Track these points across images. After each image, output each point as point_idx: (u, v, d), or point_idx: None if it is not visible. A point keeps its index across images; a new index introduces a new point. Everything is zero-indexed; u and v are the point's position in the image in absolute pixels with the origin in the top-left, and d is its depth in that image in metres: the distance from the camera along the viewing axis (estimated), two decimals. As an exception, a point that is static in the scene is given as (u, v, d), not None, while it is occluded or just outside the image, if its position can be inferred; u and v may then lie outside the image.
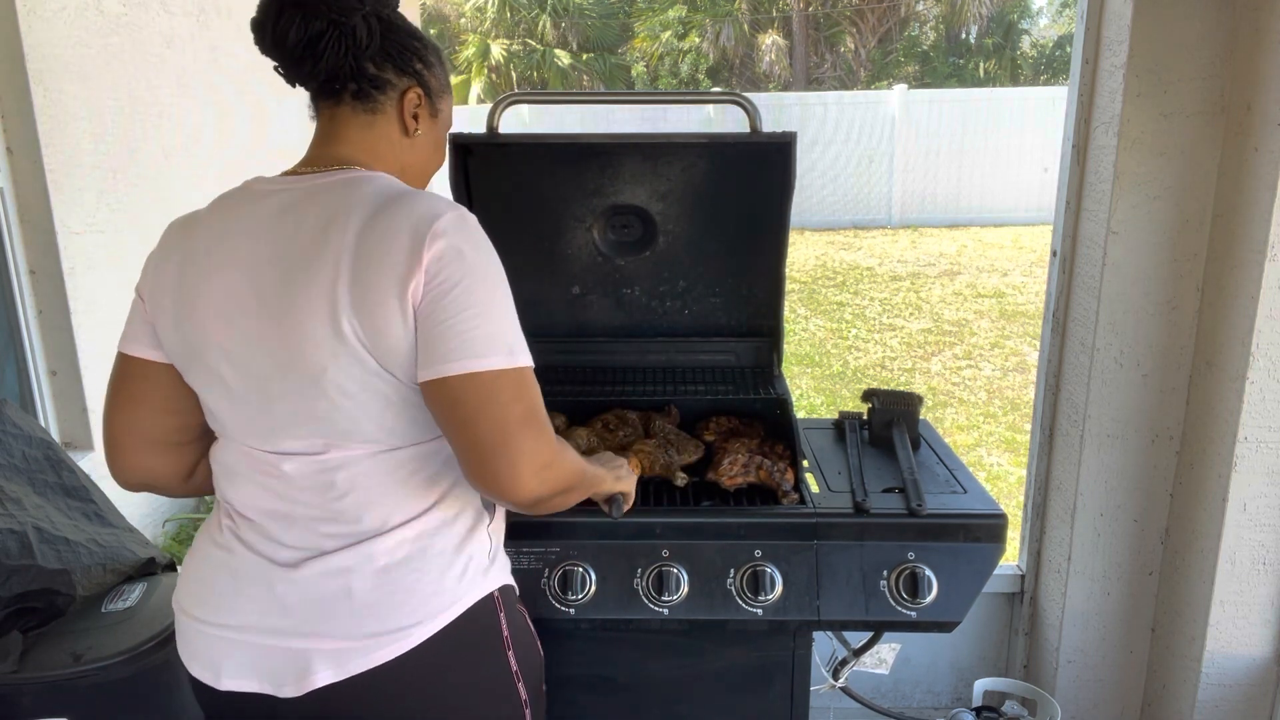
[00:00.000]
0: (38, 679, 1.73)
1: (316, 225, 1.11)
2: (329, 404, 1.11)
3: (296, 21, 1.12)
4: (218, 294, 1.14)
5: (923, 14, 21.35)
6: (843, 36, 20.78)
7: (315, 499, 1.15)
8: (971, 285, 9.32)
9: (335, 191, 1.14)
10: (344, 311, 1.07)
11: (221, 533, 1.22)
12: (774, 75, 20.08)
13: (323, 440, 1.14)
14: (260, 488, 1.18)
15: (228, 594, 1.17)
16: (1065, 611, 2.31)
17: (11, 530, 1.85)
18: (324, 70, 1.16)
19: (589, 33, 20.09)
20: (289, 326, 1.09)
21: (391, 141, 1.23)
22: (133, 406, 1.23)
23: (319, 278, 1.08)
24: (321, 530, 1.15)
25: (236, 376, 1.14)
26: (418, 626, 1.13)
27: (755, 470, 1.65)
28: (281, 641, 1.13)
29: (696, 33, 20.16)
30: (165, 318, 1.18)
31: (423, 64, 1.23)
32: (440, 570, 1.16)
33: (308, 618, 1.13)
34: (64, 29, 3.14)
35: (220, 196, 1.22)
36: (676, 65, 20.22)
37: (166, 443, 1.25)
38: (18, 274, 2.90)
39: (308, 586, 1.13)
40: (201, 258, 1.16)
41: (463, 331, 1.06)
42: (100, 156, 3.35)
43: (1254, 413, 1.93)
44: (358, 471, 1.14)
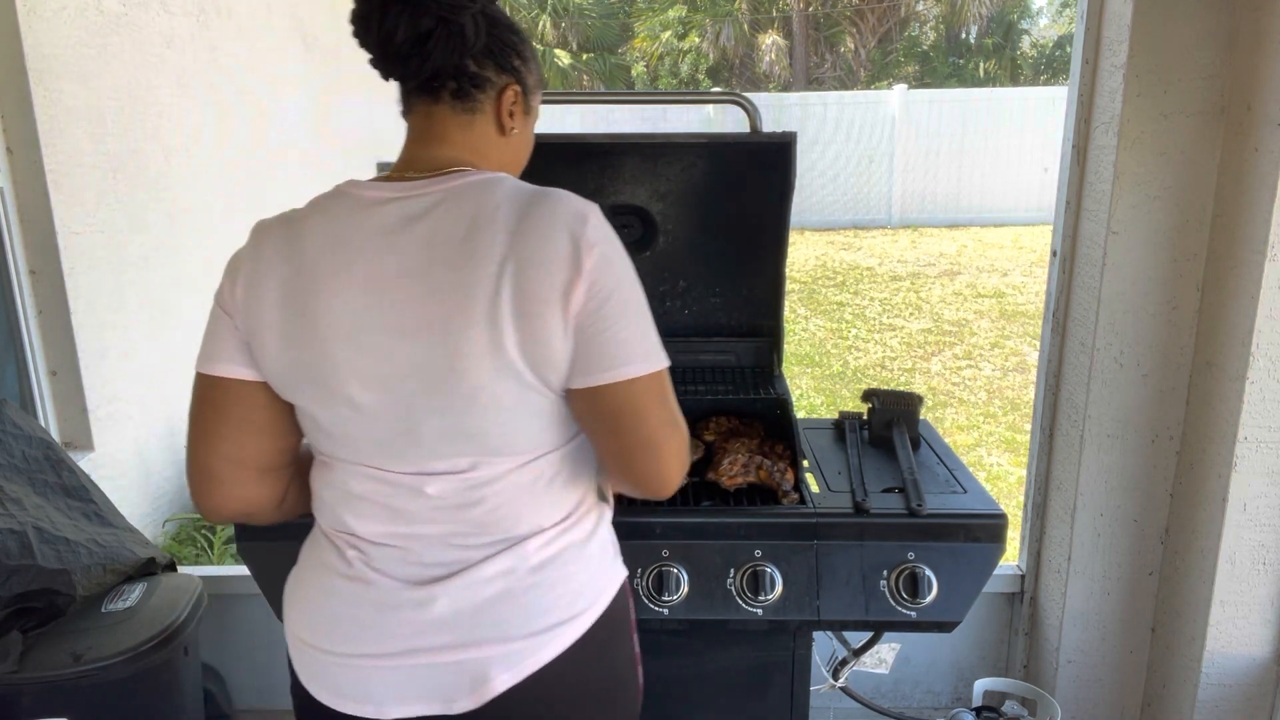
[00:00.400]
0: (38, 679, 1.73)
1: (457, 233, 1.05)
2: (482, 420, 1.07)
3: (405, 18, 1.07)
4: (341, 312, 1.06)
5: (923, 14, 21.35)
6: (843, 36, 20.78)
7: (462, 516, 1.11)
8: (971, 285, 9.32)
9: (467, 196, 1.08)
10: (505, 323, 1.02)
11: (349, 564, 1.15)
12: (774, 75, 20.08)
13: (469, 459, 1.10)
14: (394, 512, 1.12)
15: (375, 624, 1.12)
16: (1065, 611, 2.31)
17: (11, 530, 1.85)
18: (429, 69, 1.11)
19: (589, 33, 20.08)
20: (440, 342, 1.04)
21: (490, 140, 1.18)
22: (234, 433, 1.14)
23: (475, 289, 1.03)
24: (469, 543, 1.12)
25: (371, 398, 1.08)
26: (578, 617, 1.14)
27: (755, 470, 1.65)
28: (449, 656, 1.10)
29: (696, 33, 20.16)
30: (269, 335, 1.09)
31: (520, 60, 1.18)
32: (587, 561, 1.17)
33: (474, 627, 1.10)
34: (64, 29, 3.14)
35: (317, 201, 1.14)
36: (676, 65, 20.22)
37: (268, 468, 1.17)
38: (18, 274, 2.90)
39: (466, 597, 1.11)
40: (312, 271, 1.08)
41: (620, 338, 1.06)
42: (100, 156, 3.35)
43: (1254, 413, 1.93)
44: (505, 485, 1.11)
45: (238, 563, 2.12)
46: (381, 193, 1.10)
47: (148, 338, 3.71)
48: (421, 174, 1.12)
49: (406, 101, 1.18)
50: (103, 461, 3.24)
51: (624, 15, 20.88)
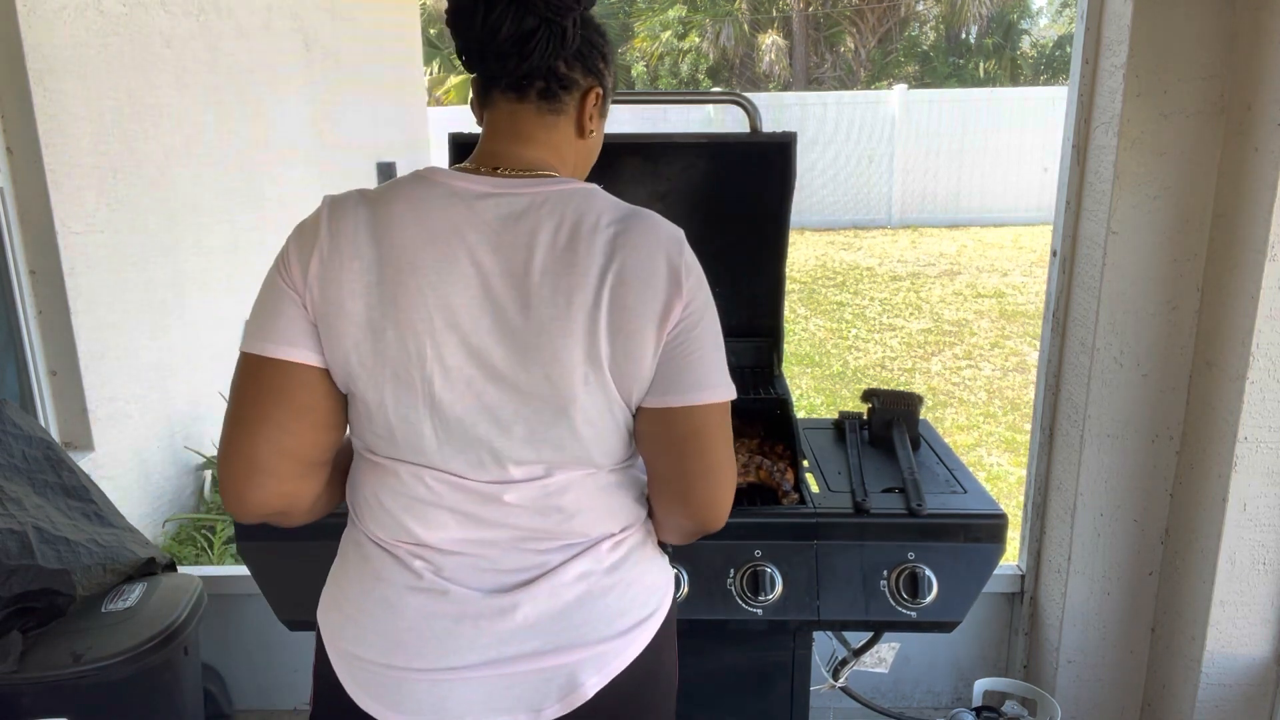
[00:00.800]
0: (38, 679, 1.73)
1: (558, 241, 1.03)
2: (569, 432, 1.06)
3: (510, 16, 1.04)
4: (436, 306, 1.03)
5: (923, 14, 21.36)
6: (843, 36, 20.78)
7: (539, 521, 1.10)
8: (971, 285, 9.33)
9: (567, 203, 1.06)
10: (601, 336, 1.02)
11: (416, 576, 1.10)
12: (774, 75, 20.08)
13: (547, 466, 1.08)
14: (468, 519, 1.09)
15: (453, 636, 1.08)
16: (1065, 611, 2.31)
17: (11, 530, 1.85)
18: (526, 69, 1.08)
19: (589, 33, 20.07)
20: (537, 349, 1.02)
21: (570, 142, 1.16)
22: (295, 423, 1.06)
23: (575, 299, 1.02)
24: (545, 547, 1.10)
25: (455, 399, 1.04)
26: (654, 615, 1.15)
27: (755, 470, 1.65)
28: (537, 664, 1.08)
29: (696, 33, 20.16)
30: (349, 323, 1.03)
31: (604, 62, 1.16)
32: (652, 559, 1.18)
33: (561, 631, 1.09)
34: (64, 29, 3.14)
35: (400, 186, 1.09)
36: (676, 65, 20.22)
37: (317, 462, 1.11)
38: (18, 274, 2.90)
39: (549, 601, 1.09)
40: (405, 260, 1.03)
41: (702, 363, 1.06)
42: (100, 156, 3.35)
43: (1254, 413, 1.93)
44: (581, 493, 1.11)
45: (238, 563, 2.12)
46: (476, 185, 1.07)
47: (148, 338, 3.72)
48: (513, 171, 1.10)
49: (487, 94, 1.14)
50: (103, 461, 3.24)
51: (624, 15, 20.88)
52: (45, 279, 3.01)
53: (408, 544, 1.11)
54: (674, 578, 1.23)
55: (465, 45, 1.09)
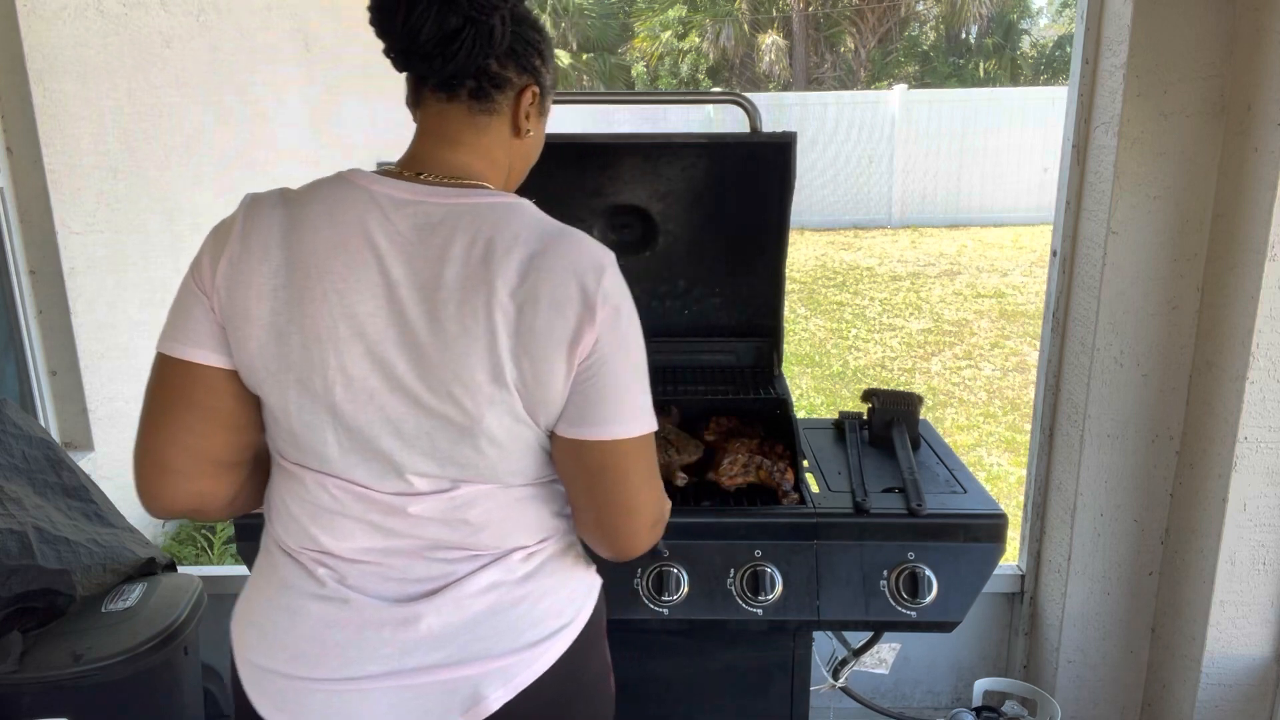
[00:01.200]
0: (38, 679, 1.73)
1: (471, 256, 1.00)
2: (473, 451, 1.04)
3: (433, 15, 1.01)
4: (340, 314, 1.01)
5: (923, 14, 21.35)
6: (843, 36, 20.78)
7: (445, 532, 1.07)
8: (971, 285, 9.32)
9: (487, 217, 1.03)
10: (507, 356, 0.99)
11: (319, 584, 1.08)
12: (774, 75, 20.07)
13: (452, 481, 1.06)
14: (372, 528, 1.07)
15: (354, 645, 1.06)
16: (1065, 611, 2.31)
17: (11, 530, 1.85)
18: (452, 69, 1.05)
19: (589, 33, 20.09)
20: (441, 366, 1.00)
21: (503, 143, 1.13)
22: (199, 423, 1.06)
23: (482, 319, 0.99)
24: (453, 557, 1.08)
25: (357, 411, 1.03)
26: (567, 627, 1.12)
27: (755, 470, 1.65)
28: (439, 675, 1.06)
29: (696, 33, 20.16)
30: (253, 327, 1.02)
31: (540, 60, 1.13)
32: (569, 570, 1.15)
33: (467, 642, 1.06)
34: (64, 29, 3.14)
35: (320, 188, 1.07)
36: (676, 65, 20.22)
37: (228, 463, 1.10)
38: (18, 274, 2.90)
39: (454, 612, 1.06)
40: (312, 265, 1.01)
41: (618, 397, 1.04)
42: (100, 156, 3.35)
43: (1254, 413, 1.93)
44: (490, 506, 1.08)
45: (238, 563, 2.12)
46: (395, 191, 1.05)
47: (148, 338, 3.70)
48: (437, 179, 1.07)
49: (417, 94, 1.11)
50: (103, 461, 3.24)
51: (624, 15, 20.88)
52: (45, 279, 3.01)
53: (312, 551, 1.09)
54: (597, 587, 1.19)
55: (390, 45, 1.06)
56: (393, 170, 1.09)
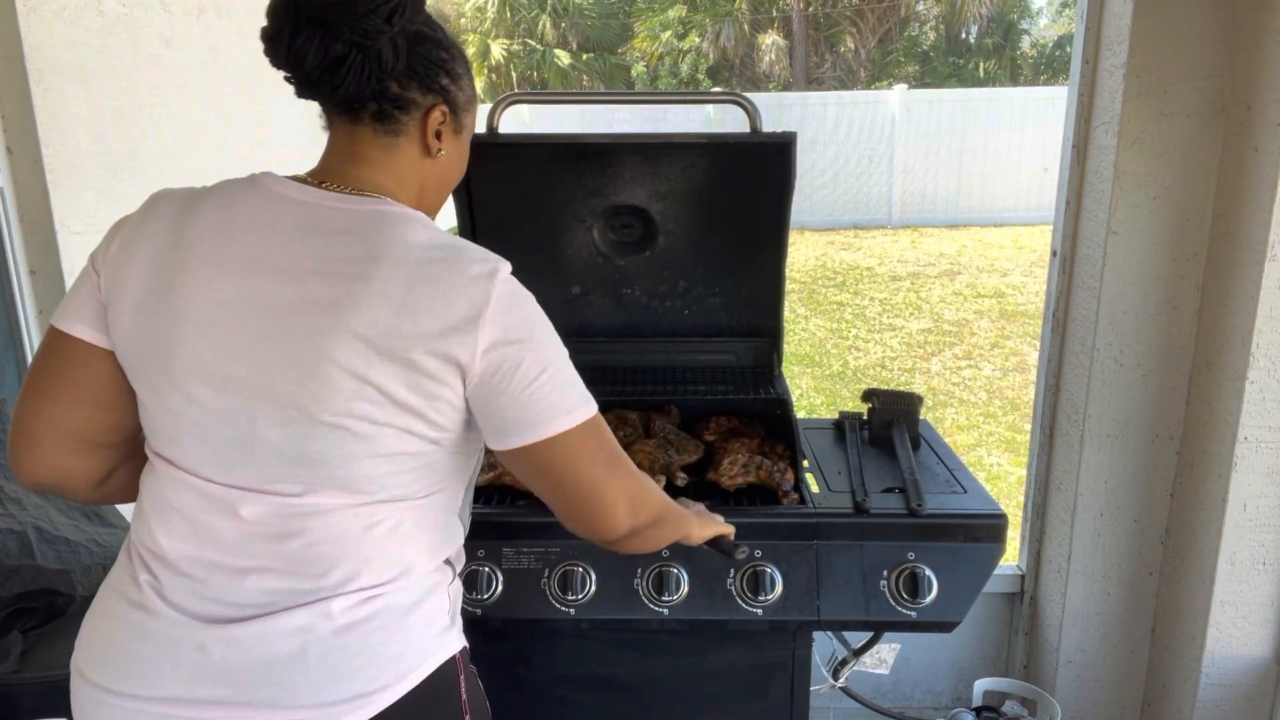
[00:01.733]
0: (38, 679, 1.72)
1: (353, 258, 0.99)
2: (325, 446, 1.00)
3: (316, 42, 1.00)
4: (203, 298, 1.00)
5: (923, 14, 21.35)
6: (843, 36, 20.78)
7: (274, 548, 1.02)
8: (971, 285, 9.32)
9: (374, 225, 1.02)
10: (378, 362, 0.97)
11: (139, 589, 1.04)
12: (774, 75, 20.07)
13: (301, 484, 1.01)
14: (203, 530, 1.03)
15: (149, 659, 1.01)
16: (1065, 611, 2.31)
17: (11, 530, 1.85)
18: (343, 94, 1.05)
19: (589, 33, 20.08)
20: (303, 361, 0.98)
21: (413, 161, 1.12)
22: (64, 396, 1.05)
23: (353, 320, 0.97)
24: (273, 585, 1.01)
25: (211, 397, 1.00)
26: (383, 691, 1.02)
27: (755, 470, 1.65)
28: (221, 713, 0.99)
29: (696, 33, 20.15)
30: (126, 303, 1.02)
31: (450, 78, 1.11)
32: (404, 630, 1.05)
33: (256, 684, 0.99)
34: (64, 29, 3.14)
35: (225, 184, 1.08)
36: (676, 65, 20.21)
37: (92, 442, 1.08)
38: (18, 274, 2.90)
39: (255, 648, 0.99)
40: (192, 247, 1.02)
41: (539, 399, 1.03)
42: (100, 156, 3.35)
43: (1254, 413, 1.93)
44: (332, 522, 1.02)
45: (238, 563, 2.12)
46: (294, 193, 1.05)
47: (148, 338, 3.71)
48: (339, 188, 1.07)
49: (325, 115, 1.12)
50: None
51: (624, 15, 20.88)
52: (45, 279, 3.01)
53: (148, 550, 1.06)
54: (443, 655, 1.09)
55: (282, 70, 1.06)
56: (300, 177, 1.09)
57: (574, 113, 12.03)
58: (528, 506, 1.61)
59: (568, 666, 1.67)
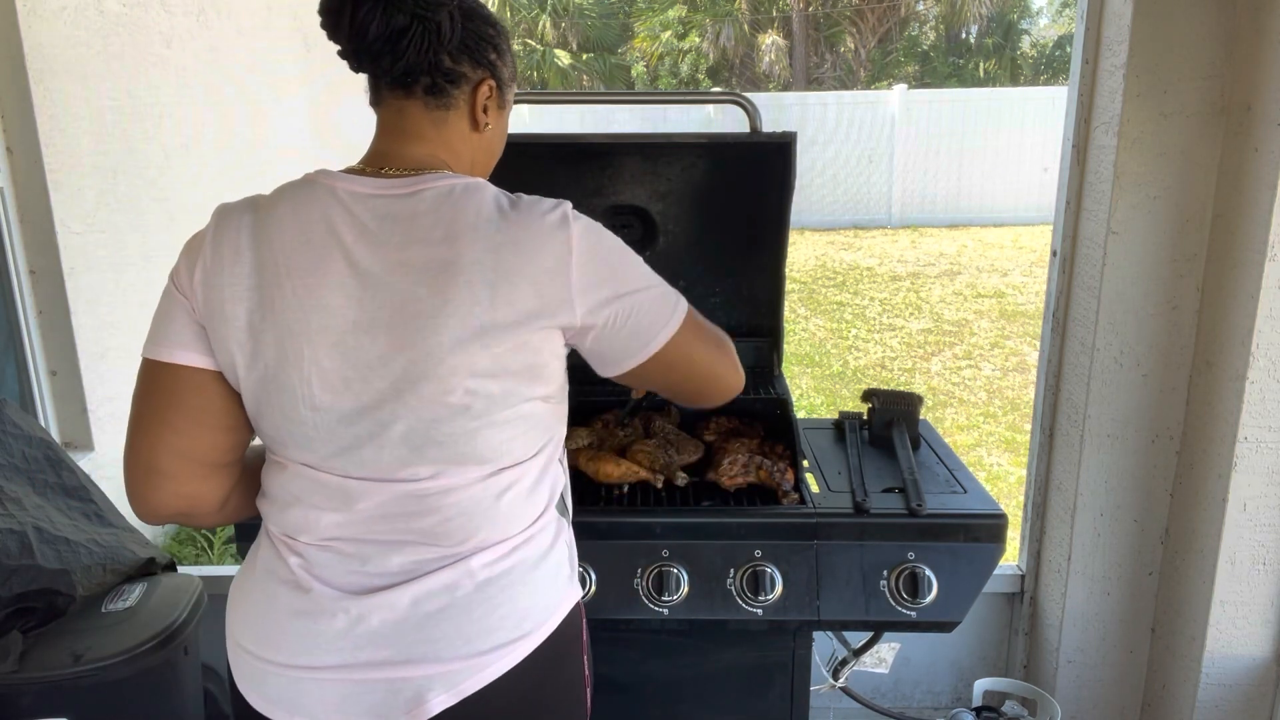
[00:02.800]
0: (38, 679, 1.72)
1: (435, 240, 1.02)
2: (451, 430, 1.04)
3: (379, 14, 1.04)
4: (311, 309, 1.03)
5: (923, 14, 21.35)
6: (843, 36, 20.78)
7: (414, 525, 1.08)
8: (971, 285, 9.32)
9: (447, 200, 1.05)
10: (482, 338, 1.01)
11: (290, 570, 1.10)
12: (774, 75, 20.07)
13: (433, 467, 1.06)
14: (343, 516, 1.09)
15: (312, 634, 1.08)
16: (1065, 611, 2.31)
17: (11, 530, 1.85)
18: (403, 66, 1.08)
19: (589, 33, 20.08)
20: (413, 350, 1.02)
21: (464, 136, 1.16)
22: (187, 425, 1.08)
23: (451, 300, 1.01)
24: (416, 555, 1.08)
25: (334, 400, 1.05)
26: (524, 639, 1.09)
27: (755, 470, 1.65)
28: (386, 673, 1.06)
29: (696, 33, 20.16)
30: (230, 328, 1.05)
31: (496, 53, 1.16)
32: (538, 581, 1.12)
33: (413, 643, 1.06)
34: (64, 29, 3.14)
35: (286, 190, 1.10)
36: (676, 65, 20.21)
37: (218, 464, 1.12)
38: (18, 274, 2.90)
39: (407, 611, 1.07)
40: (280, 264, 1.05)
41: (638, 320, 1.09)
42: (100, 156, 3.35)
43: (1254, 413, 1.93)
44: (465, 496, 1.08)
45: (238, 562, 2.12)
46: (357, 187, 1.07)
47: (147, 338, 3.71)
48: (399, 171, 1.09)
49: (377, 93, 1.14)
50: (103, 461, 3.24)
51: (624, 15, 20.88)
52: (45, 279, 3.01)
53: (288, 539, 1.12)
54: (569, 601, 1.16)
55: (340, 46, 1.09)
56: (356, 168, 1.12)
57: (574, 113, 12.03)
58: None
59: (568, 666, 1.67)
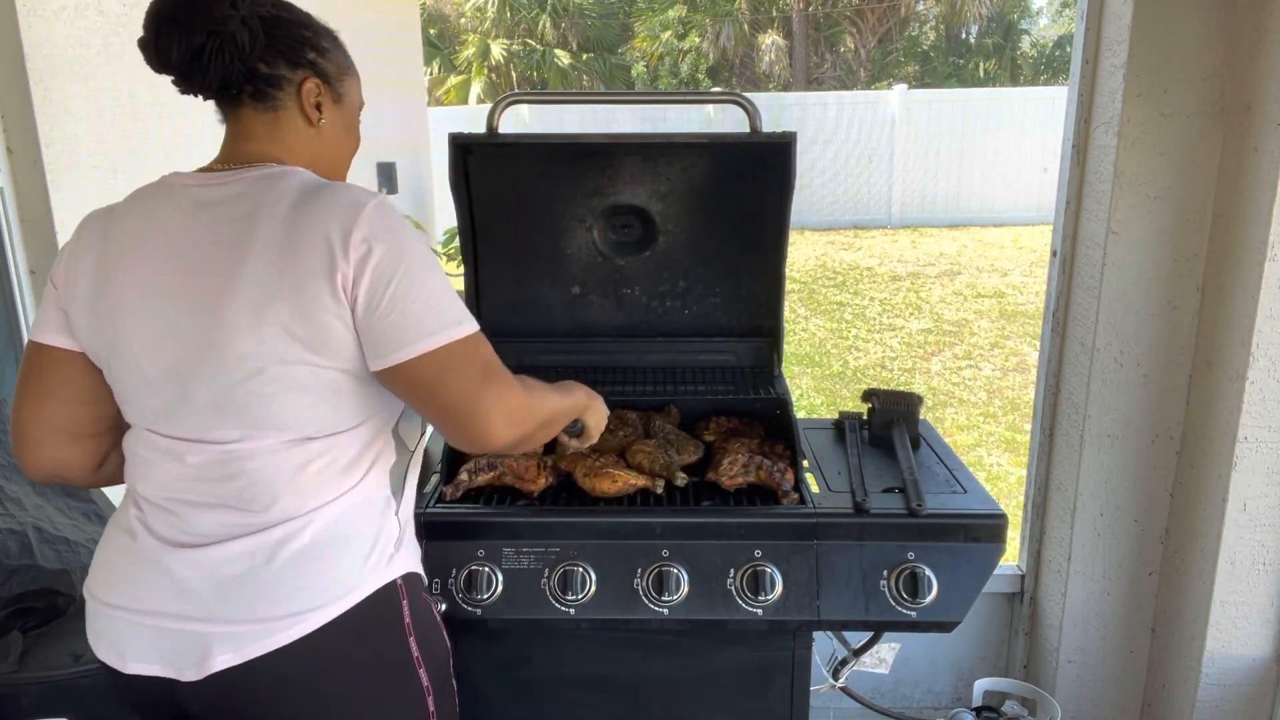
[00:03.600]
0: (38, 679, 1.72)
1: (237, 218, 1.13)
2: (248, 393, 1.13)
3: (176, 39, 1.14)
4: (134, 285, 1.16)
5: (923, 14, 21.35)
6: (843, 36, 20.78)
7: (221, 488, 1.16)
8: (971, 285, 9.32)
9: (254, 186, 1.16)
10: (269, 303, 1.10)
11: (129, 520, 1.22)
12: (774, 75, 20.08)
13: (239, 430, 1.15)
14: (170, 475, 1.19)
15: (131, 578, 1.19)
16: (1065, 611, 2.31)
17: (11, 530, 1.85)
18: (214, 80, 1.18)
19: (589, 33, 20.08)
20: (210, 316, 1.12)
21: (299, 133, 1.24)
22: (46, 397, 1.22)
23: (243, 270, 1.10)
24: (227, 518, 1.16)
25: (152, 365, 1.15)
26: (315, 612, 1.15)
27: (755, 470, 1.65)
28: (182, 625, 1.15)
29: (696, 33, 20.16)
30: (80, 307, 1.19)
31: (315, 52, 1.24)
32: (343, 558, 1.18)
33: (207, 601, 1.14)
34: (64, 29, 3.13)
35: (138, 190, 1.24)
36: (676, 65, 20.22)
37: (78, 434, 1.25)
38: (18, 274, 2.90)
39: (209, 571, 1.15)
40: (118, 249, 1.18)
41: (408, 317, 1.11)
42: (100, 156, 3.35)
43: (1254, 413, 1.93)
44: (269, 462, 1.15)
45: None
46: (189, 181, 1.20)
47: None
48: (227, 166, 1.21)
49: (218, 109, 1.25)
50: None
51: (624, 15, 20.88)
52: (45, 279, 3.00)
53: (134, 493, 1.23)
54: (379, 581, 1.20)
55: (162, 74, 1.20)
56: (203, 167, 1.23)
57: (574, 113, 12.03)
58: (528, 506, 1.61)
59: (568, 666, 1.67)
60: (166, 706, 1.19)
